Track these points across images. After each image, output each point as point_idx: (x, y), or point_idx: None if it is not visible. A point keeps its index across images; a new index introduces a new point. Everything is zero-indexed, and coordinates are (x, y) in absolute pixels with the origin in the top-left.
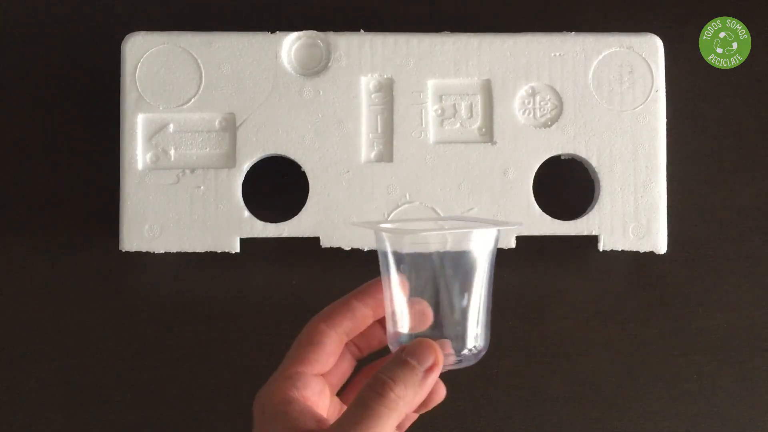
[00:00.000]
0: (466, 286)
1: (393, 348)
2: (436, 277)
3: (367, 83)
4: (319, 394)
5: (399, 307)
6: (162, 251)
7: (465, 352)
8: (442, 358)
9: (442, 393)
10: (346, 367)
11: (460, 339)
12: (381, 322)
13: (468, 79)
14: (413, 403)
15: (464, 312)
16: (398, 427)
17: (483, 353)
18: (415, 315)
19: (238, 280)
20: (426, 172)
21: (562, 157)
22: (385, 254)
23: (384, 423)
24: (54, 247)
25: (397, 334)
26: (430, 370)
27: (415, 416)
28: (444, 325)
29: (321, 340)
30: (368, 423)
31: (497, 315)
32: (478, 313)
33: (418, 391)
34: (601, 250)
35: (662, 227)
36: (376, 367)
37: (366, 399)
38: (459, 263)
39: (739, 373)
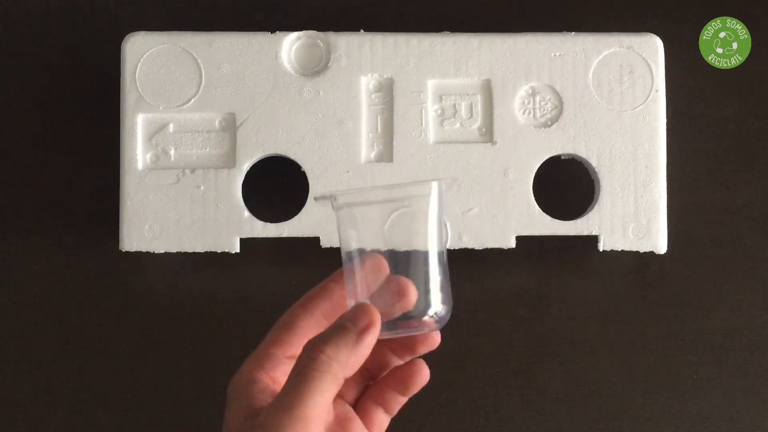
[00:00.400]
0: (416, 253)
1: None
2: (386, 247)
3: (367, 83)
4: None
5: (360, 284)
6: (162, 251)
7: (426, 318)
8: (378, 318)
9: (425, 374)
10: None
11: (421, 305)
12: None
13: (468, 79)
14: (348, 364)
15: (420, 279)
16: (387, 411)
17: (446, 318)
18: (391, 294)
19: (238, 280)
20: (426, 172)
21: (562, 157)
22: (341, 223)
23: (318, 386)
24: (54, 247)
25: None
26: (364, 330)
27: (404, 399)
28: None
29: (295, 323)
30: (302, 388)
31: (498, 315)
32: (435, 277)
33: (352, 352)
34: (601, 250)
35: (662, 227)
36: None
37: (298, 365)
38: (404, 228)
39: (739, 373)
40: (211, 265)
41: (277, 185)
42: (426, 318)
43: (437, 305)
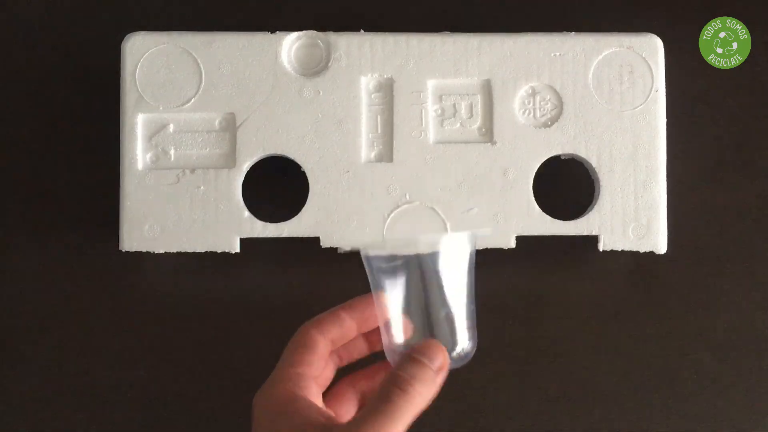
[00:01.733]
0: (448, 293)
1: (390, 357)
2: (419, 288)
3: (367, 83)
4: (315, 396)
5: (394, 321)
6: (162, 251)
7: (453, 354)
8: (448, 358)
9: None
10: (329, 374)
11: (449, 343)
12: (364, 336)
13: (468, 79)
14: (428, 399)
15: (449, 318)
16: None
17: (471, 354)
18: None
19: (238, 280)
20: (426, 172)
21: (562, 157)
22: (371, 271)
23: (403, 417)
24: (54, 247)
25: (393, 345)
26: (440, 368)
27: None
28: (434, 332)
29: (314, 344)
30: (391, 416)
31: (498, 315)
32: (463, 317)
33: (431, 389)
34: (601, 250)
35: (662, 227)
36: (357, 376)
37: (389, 394)
38: (437, 272)
39: (739, 373)
40: (211, 265)
41: (277, 185)
42: (453, 354)
43: (464, 342)
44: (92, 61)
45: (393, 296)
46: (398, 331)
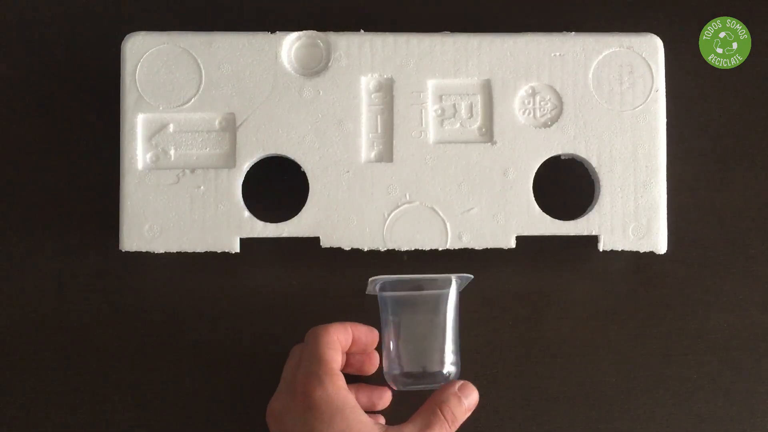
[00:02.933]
0: (438, 328)
1: (388, 377)
2: (421, 323)
3: (367, 83)
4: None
5: (395, 350)
6: (162, 251)
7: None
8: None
9: (387, 399)
10: None
11: (438, 368)
12: (348, 354)
13: (468, 79)
14: (458, 426)
15: (441, 347)
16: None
17: (457, 376)
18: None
19: (238, 280)
20: (426, 172)
21: (562, 157)
22: (383, 305)
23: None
24: (54, 247)
25: (392, 371)
26: (470, 408)
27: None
28: (427, 361)
29: (339, 346)
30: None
31: (498, 315)
32: (451, 347)
33: (461, 420)
34: (601, 250)
35: (662, 227)
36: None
37: (432, 419)
38: (428, 310)
39: (739, 373)
40: (211, 265)
41: (277, 185)
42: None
43: (450, 367)
44: (92, 61)
45: (398, 329)
46: (398, 359)
